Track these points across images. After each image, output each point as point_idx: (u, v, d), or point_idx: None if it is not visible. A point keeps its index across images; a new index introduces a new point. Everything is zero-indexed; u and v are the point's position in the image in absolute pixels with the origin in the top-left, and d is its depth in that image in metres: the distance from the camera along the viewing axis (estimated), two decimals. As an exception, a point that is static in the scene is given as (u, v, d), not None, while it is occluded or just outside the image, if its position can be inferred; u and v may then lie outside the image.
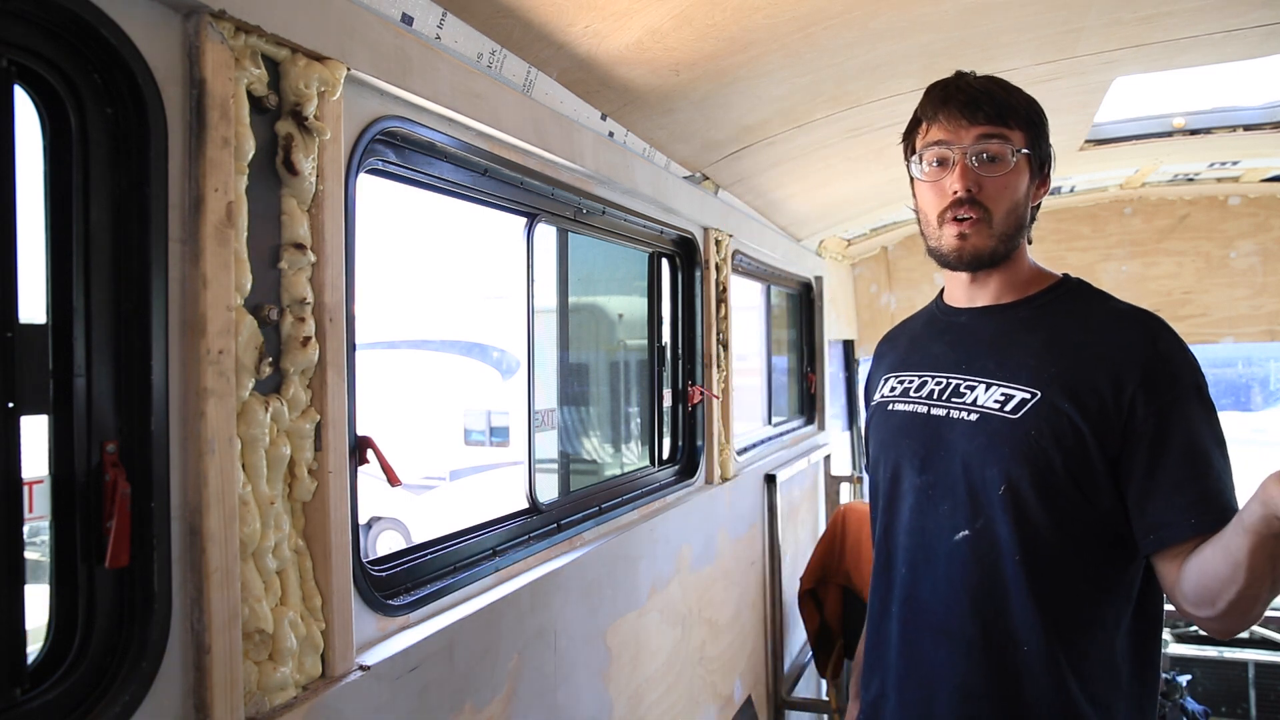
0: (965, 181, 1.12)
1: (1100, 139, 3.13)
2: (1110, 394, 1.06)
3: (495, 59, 1.50)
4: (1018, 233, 1.17)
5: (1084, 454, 1.07)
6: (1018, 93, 1.16)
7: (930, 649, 1.17)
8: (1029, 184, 1.16)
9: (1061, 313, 1.17)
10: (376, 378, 8.75)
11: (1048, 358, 1.12)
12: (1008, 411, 1.12)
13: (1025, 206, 1.16)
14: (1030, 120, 1.15)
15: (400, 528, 8.81)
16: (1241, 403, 11.43)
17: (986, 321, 1.22)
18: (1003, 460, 1.10)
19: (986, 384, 1.15)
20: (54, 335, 0.85)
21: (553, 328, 2.99)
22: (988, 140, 1.12)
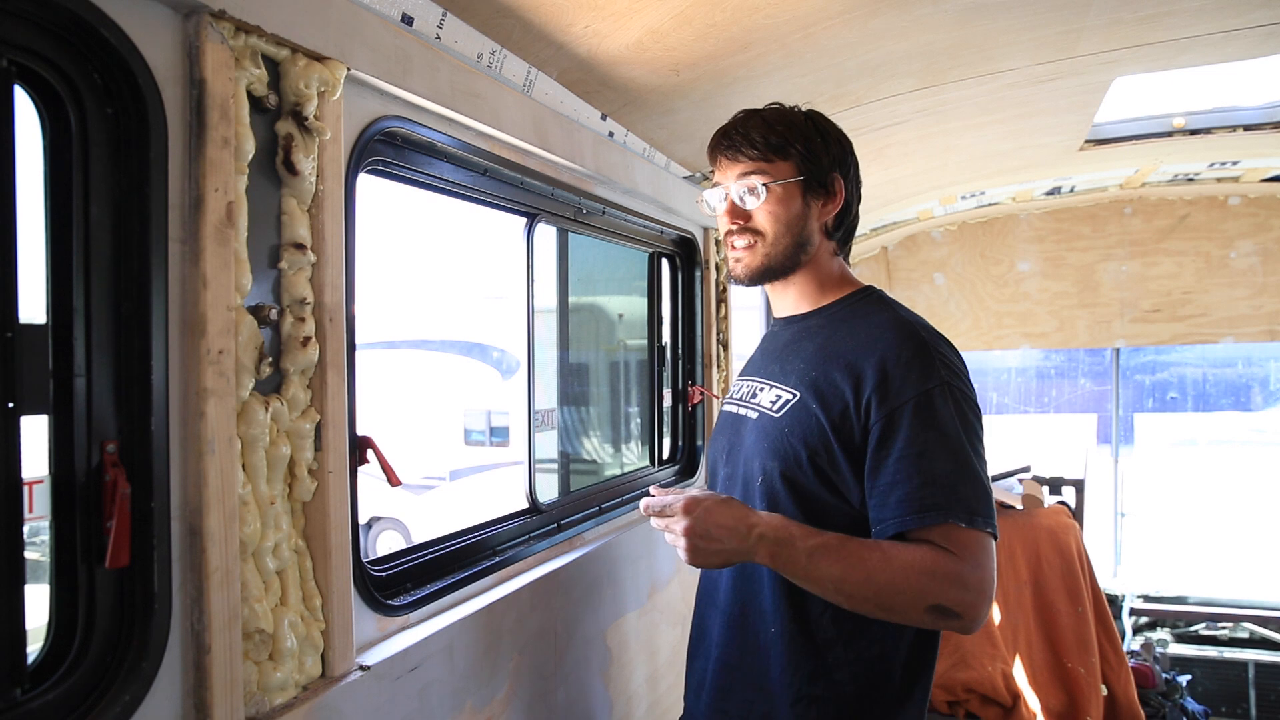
0: (731, 215, 1.30)
1: (1100, 139, 3.13)
2: (851, 397, 1.15)
3: (495, 59, 1.50)
4: (797, 250, 1.28)
5: (828, 452, 1.16)
6: (788, 125, 1.28)
7: (710, 624, 1.32)
8: (803, 205, 1.28)
9: (842, 321, 1.27)
10: (376, 378, 8.75)
11: (813, 362, 1.23)
12: (774, 410, 1.24)
13: (802, 226, 1.28)
14: (800, 149, 1.26)
15: (400, 528, 8.81)
16: (1241, 403, 11.43)
17: (785, 330, 1.35)
18: (763, 454, 1.22)
19: (769, 386, 1.29)
20: (54, 335, 0.85)
21: (553, 328, 3.00)
22: (748, 177, 1.27)
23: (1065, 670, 3.22)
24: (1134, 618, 4.33)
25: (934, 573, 1.05)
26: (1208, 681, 4.13)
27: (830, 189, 1.29)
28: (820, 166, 1.28)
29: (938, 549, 1.07)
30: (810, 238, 1.29)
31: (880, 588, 1.06)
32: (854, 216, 1.34)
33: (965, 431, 1.11)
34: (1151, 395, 11.17)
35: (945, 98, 2.25)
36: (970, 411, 1.14)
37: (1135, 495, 5.43)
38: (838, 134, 1.32)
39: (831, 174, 1.29)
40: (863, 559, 1.08)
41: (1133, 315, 4.29)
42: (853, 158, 1.33)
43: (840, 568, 1.08)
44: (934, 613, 1.06)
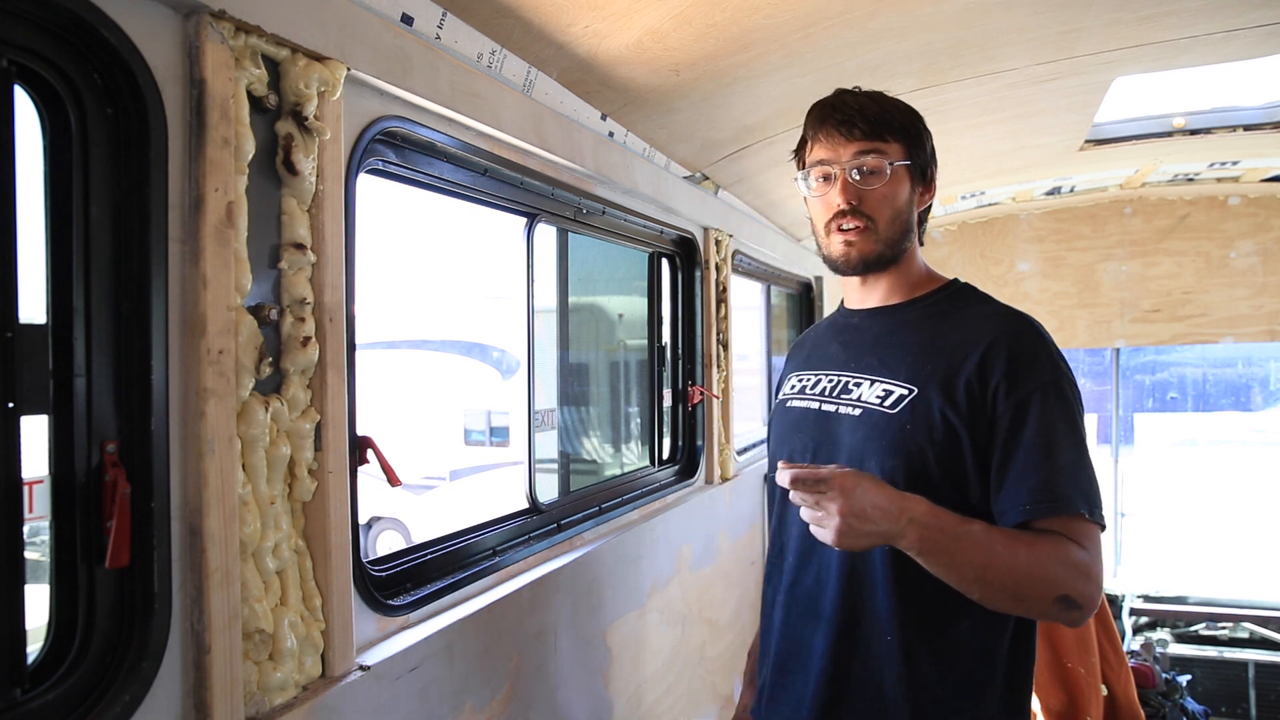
0: (846, 195, 1.20)
1: (1100, 139, 3.13)
2: (978, 388, 1.13)
3: (495, 59, 1.50)
4: (903, 238, 1.24)
5: (955, 447, 1.13)
6: (895, 107, 1.23)
7: (808, 634, 1.25)
8: (910, 192, 1.23)
9: (942, 313, 1.24)
10: (377, 378, 8.75)
11: (925, 355, 1.19)
12: (886, 406, 1.18)
13: (908, 213, 1.24)
14: (908, 132, 1.22)
15: (400, 528, 8.80)
16: (1241, 403, 11.43)
17: (875, 322, 1.29)
18: (879, 452, 1.17)
19: (871, 380, 1.22)
20: (54, 335, 0.85)
21: (553, 328, 3.00)
22: (864, 155, 1.20)
23: (1065, 670, 3.22)
24: (1134, 618, 4.33)
25: (1067, 563, 1.04)
26: (1208, 681, 4.13)
27: (929, 180, 1.26)
28: (924, 156, 1.24)
29: (1066, 539, 1.06)
30: (913, 226, 1.26)
31: (1020, 576, 1.04)
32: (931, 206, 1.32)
33: (1082, 424, 1.13)
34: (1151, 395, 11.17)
35: (945, 98, 2.25)
36: (1081, 405, 1.14)
37: (1135, 495, 5.43)
38: (928, 130, 1.28)
39: (931, 167, 1.27)
40: (1007, 546, 1.05)
41: (1133, 315, 4.30)
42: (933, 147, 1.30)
43: (985, 555, 1.04)
44: (1060, 604, 1.05)
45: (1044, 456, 1.08)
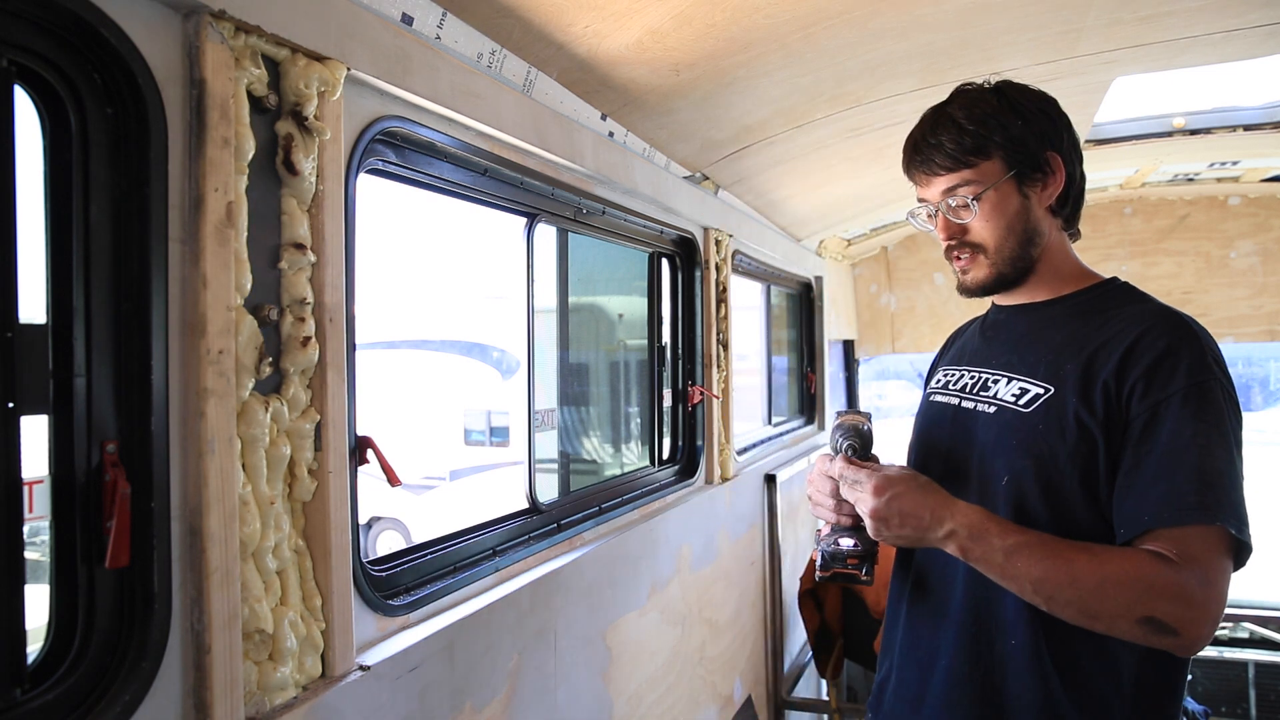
0: (946, 233, 1.20)
1: (1100, 139, 3.13)
2: (1115, 389, 1.06)
3: (495, 59, 1.50)
4: (1026, 248, 1.19)
5: (1090, 449, 1.07)
6: (981, 118, 1.16)
7: (929, 632, 1.21)
8: (1021, 199, 1.17)
9: (1090, 311, 1.18)
10: (377, 378, 8.75)
11: (1066, 354, 1.13)
12: (1021, 405, 1.14)
13: (1024, 221, 1.18)
14: (1002, 142, 1.15)
15: (400, 528, 8.81)
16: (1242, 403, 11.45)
17: (1020, 319, 1.25)
18: (1009, 452, 1.12)
19: (1008, 378, 1.18)
20: (54, 335, 0.85)
21: (553, 328, 2.99)
22: (954, 192, 1.17)
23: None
24: (1134, 618, 4.33)
25: (1150, 582, 0.95)
26: (1208, 681, 4.13)
27: (1047, 168, 1.17)
28: (1029, 151, 1.16)
29: (1157, 556, 0.97)
30: (1037, 228, 1.18)
31: (1086, 592, 0.98)
32: (1080, 182, 1.21)
33: (1234, 432, 1.04)
34: (1151, 395, 11.14)
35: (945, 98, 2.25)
36: (1237, 415, 1.05)
37: (1135, 495, 5.40)
38: (1037, 104, 1.19)
39: (1044, 153, 1.16)
40: (1069, 560, 0.99)
41: (1133, 315, 4.29)
42: (1062, 121, 1.20)
43: (1041, 568, 1.00)
44: (1146, 625, 0.96)
45: (1182, 461, 1.00)
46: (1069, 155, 1.19)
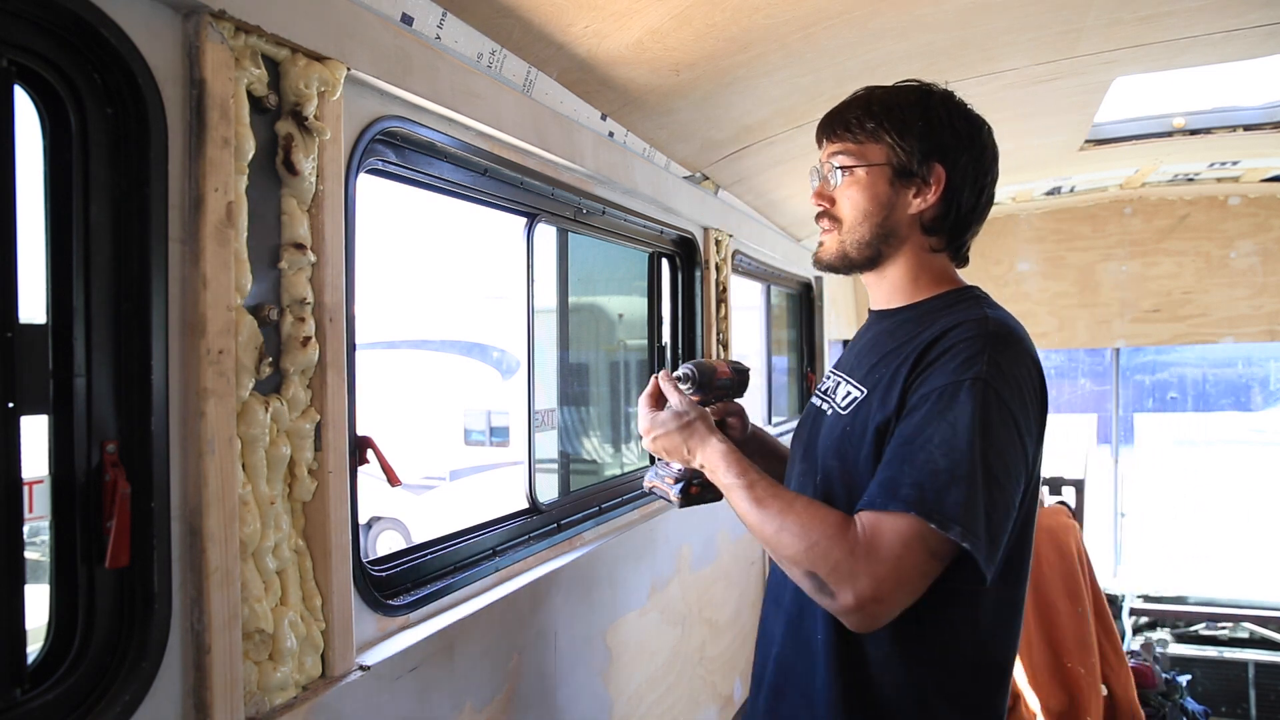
0: (818, 197, 1.22)
1: (1100, 139, 3.13)
2: (904, 390, 1.07)
3: (495, 59, 1.50)
4: (878, 240, 1.18)
5: (882, 450, 1.07)
6: (891, 106, 1.16)
7: (771, 620, 1.28)
8: (891, 193, 1.16)
9: (925, 316, 1.16)
10: (376, 378, 8.75)
11: (888, 358, 1.14)
12: (841, 407, 1.18)
13: (885, 214, 1.17)
14: (893, 132, 1.15)
15: (400, 528, 8.80)
16: (1241, 403, 11.43)
17: (874, 325, 1.28)
18: (826, 452, 1.17)
19: (846, 382, 1.22)
20: (54, 335, 0.85)
21: (553, 328, 2.99)
22: (835, 157, 1.19)
23: (1065, 670, 3.22)
24: (1134, 618, 4.34)
25: (817, 541, 1.00)
26: (1208, 681, 4.13)
27: (926, 178, 1.15)
28: (915, 152, 1.14)
29: (843, 523, 1.01)
30: (896, 229, 1.17)
31: (769, 534, 1.06)
32: (965, 214, 1.18)
33: (984, 435, 0.98)
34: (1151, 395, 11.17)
35: (945, 98, 2.25)
36: (1003, 419, 1.00)
37: (1135, 495, 5.43)
38: (956, 120, 1.17)
39: (930, 162, 1.14)
40: (766, 504, 1.07)
41: (1133, 315, 4.30)
42: (975, 148, 1.17)
43: (747, 506, 1.10)
44: (810, 580, 1.01)
45: (907, 454, 0.99)
46: (961, 180, 1.16)
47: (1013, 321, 1.11)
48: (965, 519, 0.95)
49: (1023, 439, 1.02)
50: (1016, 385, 1.02)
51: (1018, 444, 1.01)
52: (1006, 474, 1.00)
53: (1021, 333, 1.10)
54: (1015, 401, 1.01)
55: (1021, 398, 1.02)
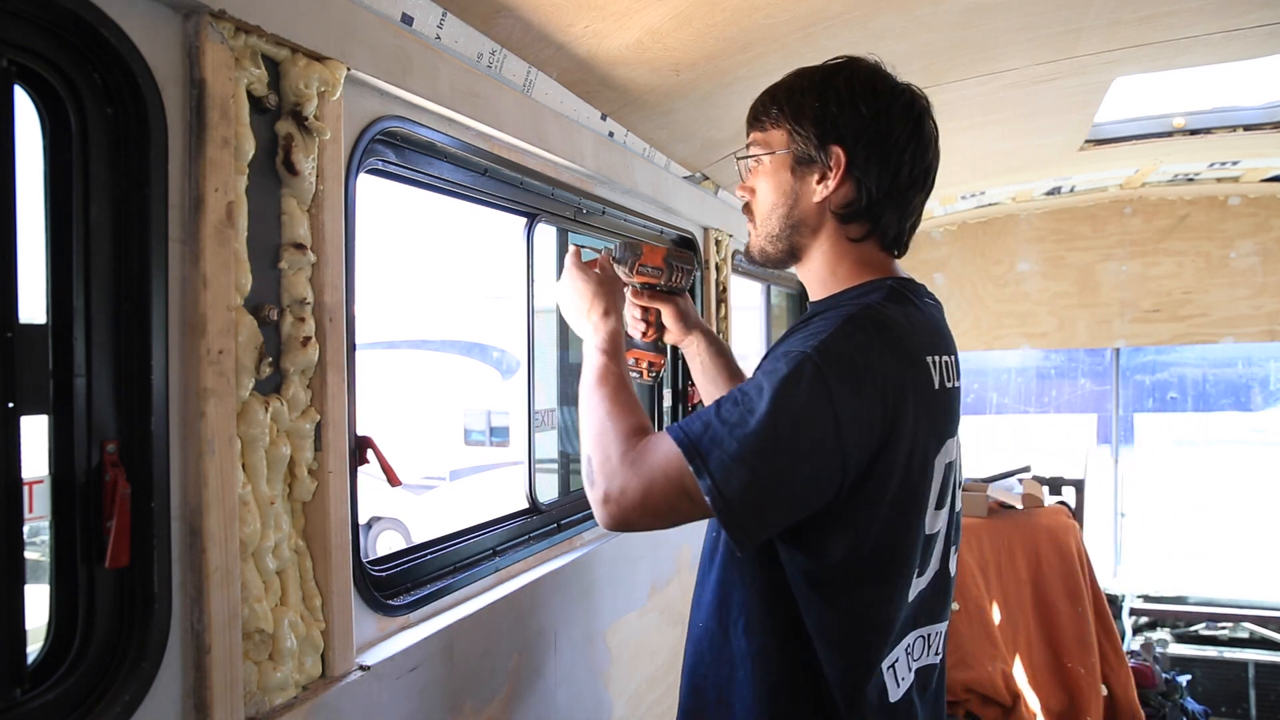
0: (740, 189, 1.18)
1: (1100, 139, 3.13)
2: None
3: (495, 59, 1.50)
4: (786, 233, 1.11)
5: None
6: (791, 88, 1.09)
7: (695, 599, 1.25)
8: (793, 181, 1.08)
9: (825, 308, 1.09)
10: (377, 378, 8.75)
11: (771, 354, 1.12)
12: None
13: (792, 205, 1.09)
14: (790, 116, 1.07)
15: (400, 528, 8.80)
16: (1241, 403, 11.42)
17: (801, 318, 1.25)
18: None
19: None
20: (54, 335, 0.85)
21: (553, 328, 2.99)
22: (749, 147, 1.14)
23: (1065, 670, 3.22)
24: (1134, 618, 4.34)
25: (602, 433, 1.05)
26: (1208, 681, 4.13)
27: (826, 162, 1.05)
28: (808, 137, 1.06)
29: (634, 430, 1.02)
30: (805, 219, 1.09)
31: (584, 411, 1.11)
32: (879, 198, 1.06)
33: (784, 409, 0.90)
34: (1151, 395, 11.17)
35: (945, 98, 2.25)
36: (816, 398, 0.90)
37: (1135, 495, 5.43)
38: (863, 99, 1.05)
39: (827, 146, 1.05)
40: (601, 384, 1.12)
41: (1133, 315, 4.30)
42: (882, 127, 1.05)
43: (588, 380, 1.15)
44: (587, 466, 1.05)
45: (718, 403, 0.95)
46: (865, 162, 1.04)
47: (897, 315, 1.00)
48: (721, 477, 0.90)
49: (838, 428, 0.90)
50: (852, 371, 0.92)
51: (829, 430, 0.90)
52: (797, 453, 0.90)
53: (899, 329, 0.98)
54: (843, 387, 0.91)
55: (856, 384, 0.92)
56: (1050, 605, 3.30)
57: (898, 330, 0.98)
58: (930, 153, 1.09)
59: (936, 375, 1.02)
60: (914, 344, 0.99)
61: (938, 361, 1.03)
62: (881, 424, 0.93)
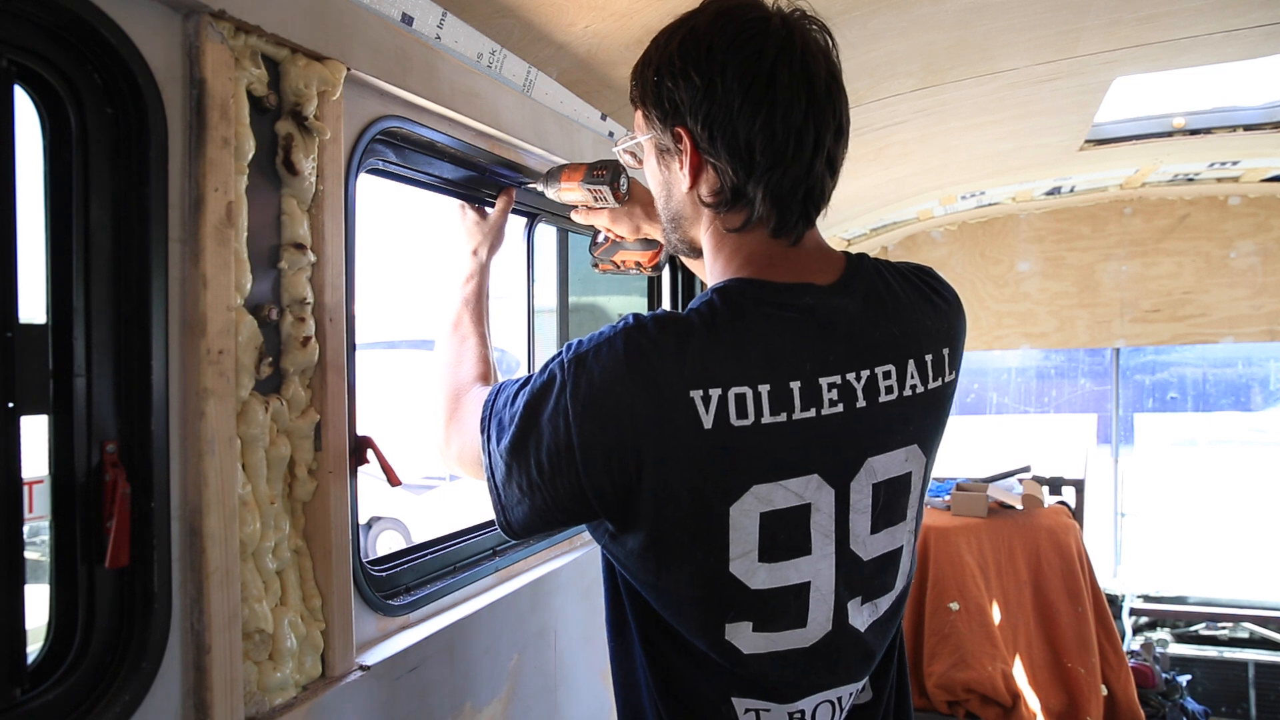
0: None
1: (1100, 139, 3.13)
2: None
3: (495, 59, 1.50)
4: (674, 228, 1.00)
5: None
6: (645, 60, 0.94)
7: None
8: (661, 170, 0.96)
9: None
10: (377, 378, 8.75)
11: None
12: None
13: (668, 198, 0.98)
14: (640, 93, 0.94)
15: (400, 528, 8.80)
16: (1241, 403, 11.42)
17: None
18: None
19: None
20: (54, 335, 0.85)
21: (553, 328, 2.99)
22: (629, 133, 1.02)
23: (1065, 670, 3.23)
24: (1134, 618, 4.34)
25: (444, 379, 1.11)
26: (1208, 681, 4.13)
27: (678, 145, 0.91)
28: (653, 119, 0.92)
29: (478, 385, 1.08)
30: (681, 212, 0.97)
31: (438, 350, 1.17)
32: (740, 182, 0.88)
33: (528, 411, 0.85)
34: (1151, 395, 11.16)
35: (945, 98, 2.25)
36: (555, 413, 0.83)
37: (1135, 495, 5.43)
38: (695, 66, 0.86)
39: (672, 128, 0.90)
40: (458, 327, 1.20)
41: (1133, 315, 4.29)
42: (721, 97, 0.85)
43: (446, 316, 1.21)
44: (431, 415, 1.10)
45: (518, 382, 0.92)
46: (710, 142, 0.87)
47: (698, 332, 0.83)
48: (494, 462, 0.89)
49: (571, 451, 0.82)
50: (591, 395, 0.82)
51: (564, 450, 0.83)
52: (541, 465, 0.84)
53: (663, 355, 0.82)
54: (579, 408, 0.82)
55: (595, 410, 0.82)
56: (1050, 605, 3.30)
57: (657, 358, 0.82)
58: (799, 110, 0.85)
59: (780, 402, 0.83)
60: (694, 373, 0.81)
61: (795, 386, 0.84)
62: (619, 455, 0.82)
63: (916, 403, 0.93)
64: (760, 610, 0.88)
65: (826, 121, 0.88)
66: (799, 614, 0.90)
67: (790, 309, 0.87)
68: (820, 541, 0.89)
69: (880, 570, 0.95)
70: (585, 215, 1.40)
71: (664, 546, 0.86)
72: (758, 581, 0.87)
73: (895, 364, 0.91)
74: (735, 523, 0.84)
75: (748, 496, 0.84)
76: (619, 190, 1.32)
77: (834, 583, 0.90)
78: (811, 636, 0.91)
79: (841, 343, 0.88)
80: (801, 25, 0.88)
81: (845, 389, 0.87)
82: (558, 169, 1.37)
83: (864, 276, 0.94)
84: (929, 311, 0.96)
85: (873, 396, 0.89)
